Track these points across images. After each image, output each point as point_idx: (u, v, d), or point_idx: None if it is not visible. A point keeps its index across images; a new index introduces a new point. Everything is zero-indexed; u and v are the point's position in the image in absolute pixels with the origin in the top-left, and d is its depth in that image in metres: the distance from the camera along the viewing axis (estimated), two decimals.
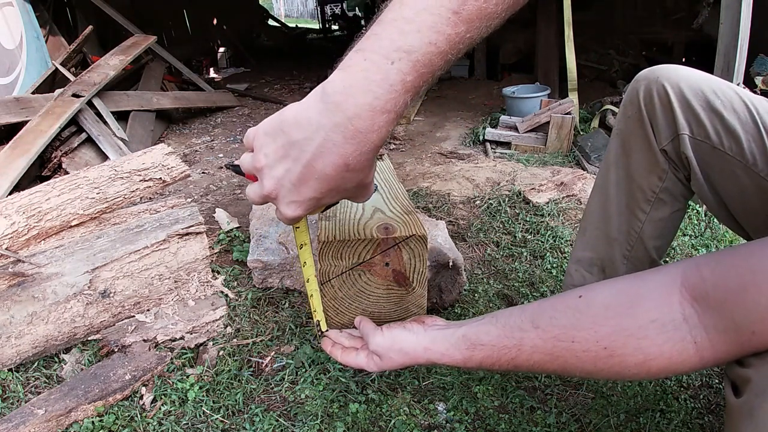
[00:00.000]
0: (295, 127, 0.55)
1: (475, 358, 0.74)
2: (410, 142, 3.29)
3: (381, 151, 1.45)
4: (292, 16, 18.05)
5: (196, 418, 1.15)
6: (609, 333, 0.60)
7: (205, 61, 6.01)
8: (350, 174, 0.56)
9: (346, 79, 0.52)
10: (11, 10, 3.00)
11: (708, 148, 0.92)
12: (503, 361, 0.71)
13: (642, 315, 0.58)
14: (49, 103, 2.60)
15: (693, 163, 0.95)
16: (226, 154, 3.15)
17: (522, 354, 0.69)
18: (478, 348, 0.74)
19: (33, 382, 1.26)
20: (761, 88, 2.17)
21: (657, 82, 0.98)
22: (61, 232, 1.44)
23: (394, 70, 0.51)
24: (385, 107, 0.52)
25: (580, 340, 0.62)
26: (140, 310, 1.40)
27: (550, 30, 4.02)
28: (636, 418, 1.14)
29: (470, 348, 0.75)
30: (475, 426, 1.13)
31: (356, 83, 0.51)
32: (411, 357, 0.81)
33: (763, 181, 0.86)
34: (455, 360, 0.77)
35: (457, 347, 0.77)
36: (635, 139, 1.05)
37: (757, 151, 0.86)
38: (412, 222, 1.02)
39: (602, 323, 0.61)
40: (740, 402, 0.51)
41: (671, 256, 1.73)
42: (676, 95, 0.95)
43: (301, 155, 0.55)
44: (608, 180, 1.11)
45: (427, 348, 0.80)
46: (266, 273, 1.55)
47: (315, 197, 0.58)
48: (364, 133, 0.52)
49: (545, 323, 0.67)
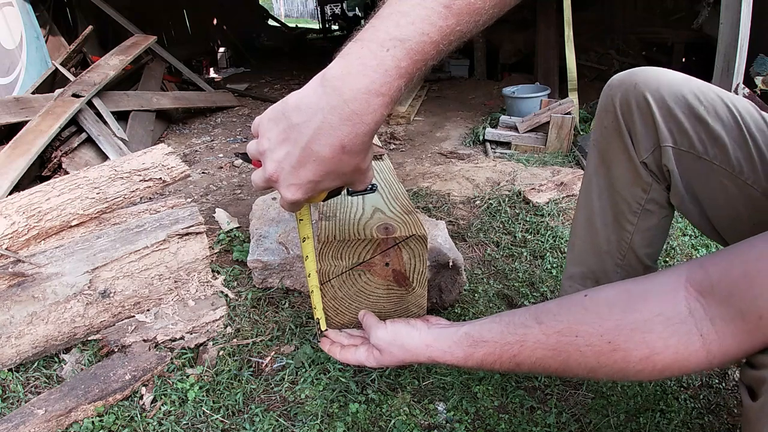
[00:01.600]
0: (295, 111, 0.58)
1: (476, 355, 0.74)
2: (410, 142, 3.29)
3: (381, 151, 1.44)
4: (292, 16, 18.05)
5: (196, 418, 1.15)
6: (613, 327, 0.60)
7: (205, 61, 6.01)
8: (347, 157, 0.58)
9: (344, 66, 0.55)
10: (11, 10, 3.00)
11: (692, 158, 0.88)
12: (505, 359, 0.71)
13: (647, 309, 0.58)
14: (49, 103, 2.60)
15: (675, 176, 0.91)
16: (226, 154, 3.15)
17: (524, 350, 0.68)
18: (481, 345, 0.73)
19: (33, 382, 1.26)
20: (761, 88, 2.17)
21: (635, 90, 0.93)
22: (61, 232, 1.44)
23: (389, 57, 0.54)
24: (380, 90, 0.55)
25: (583, 334, 0.62)
26: (140, 310, 1.40)
27: (550, 30, 4.03)
28: (636, 418, 1.14)
29: (472, 345, 0.74)
30: (475, 426, 1.13)
31: (353, 69, 0.55)
32: (412, 353, 0.81)
33: (749, 188, 0.83)
34: (456, 358, 0.76)
35: (459, 344, 0.76)
36: (614, 150, 1.01)
37: (742, 157, 0.83)
38: (412, 222, 1.02)
39: (607, 317, 0.61)
40: (758, 404, 0.51)
41: (671, 256, 1.73)
42: (656, 103, 0.91)
43: (300, 137, 0.57)
44: (591, 192, 1.08)
45: (429, 345, 0.79)
46: (266, 273, 1.55)
47: (313, 180, 0.60)
48: (359, 114, 0.55)
49: (549, 319, 0.67)
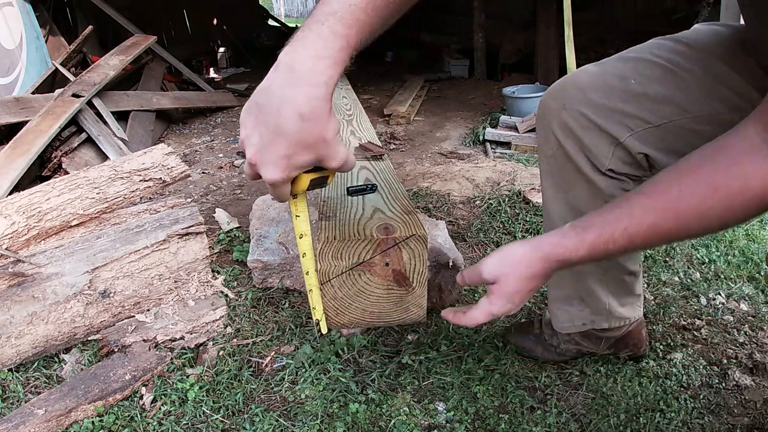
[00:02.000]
0: (261, 95, 0.63)
1: (587, 239, 0.71)
2: (410, 142, 3.29)
3: (381, 151, 1.44)
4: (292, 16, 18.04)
5: (196, 418, 1.15)
6: (708, 172, 0.65)
7: (205, 61, 6.00)
8: (307, 124, 0.61)
9: (291, 46, 0.63)
10: (11, 10, 3.00)
11: (654, 130, 0.90)
12: (617, 235, 0.69)
13: (731, 151, 0.64)
14: (49, 103, 2.60)
15: (654, 156, 0.92)
16: (226, 154, 3.15)
17: (634, 219, 0.68)
18: (589, 228, 0.71)
19: (33, 382, 1.26)
20: None
21: (566, 110, 0.93)
22: (61, 232, 1.44)
23: (324, 28, 0.61)
24: (323, 54, 0.61)
25: (684, 187, 0.66)
26: (140, 310, 1.40)
27: (550, 30, 4.02)
28: (636, 418, 1.14)
29: (581, 232, 0.72)
30: (475, 426, 1.13)
31: (298, 46, 0.62)
32: (526, 263, 0.76)
33: (701, 120, 0.86)
34: (568, 247, 0.72)
35: (566, 235, 0.73)
36: (568, 174, 1.00)
37: (685, 97, 0.86)
38: (412, 222, 1.02)
39: (700, 166, 0.66)
40: None
41: (671, 256, 1.73)
42: (591, 110, 0.91)
43: (268, 118, 0.62)
44: (554, 222, 1.06)
45: (537, 246, 0.75)
46: (266, 273, 1.55)
47: (285, 155, 0.63)
48: (308, 79, 0.60)
49: (647, 188, 0.69)
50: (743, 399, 1.20)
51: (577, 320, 1.17)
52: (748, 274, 1.64)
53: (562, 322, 1.19)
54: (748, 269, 1.66)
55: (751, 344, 1.36)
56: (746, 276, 1.63)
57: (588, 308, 1.15)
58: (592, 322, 1.16)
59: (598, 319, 1.16)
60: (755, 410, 1.17)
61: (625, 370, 1.26)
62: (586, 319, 1.16)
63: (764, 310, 1.48)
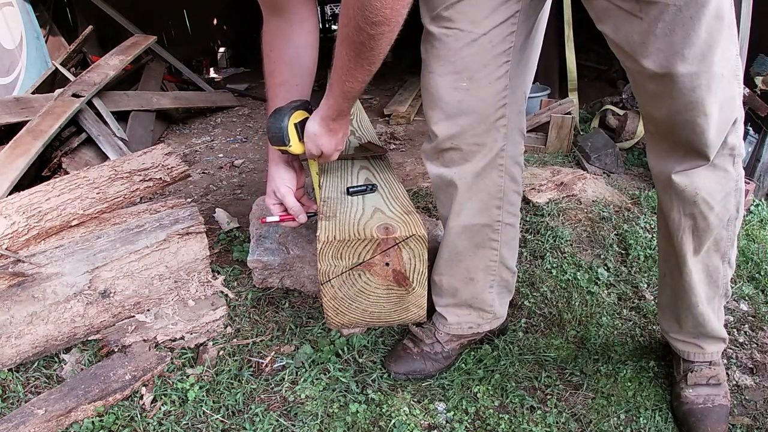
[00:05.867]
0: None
1: (331, 94, 1.05)
2: (410, 142, 3.29)
3: (381, 151, 1.44)
4: None
5: (196, 418, 1.15)
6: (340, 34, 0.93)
7: (205, 61, 6.00)
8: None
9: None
10: (11, 10, 3.00)
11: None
12: (338, 85, 1.01)
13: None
14: (49, 103, 2.60)
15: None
16: (226, 154, 3.15)
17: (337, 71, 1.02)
18: (330, 90, 1.05)
19: (33, 382, 1.26)
20: (761, 88, 2.17)
21: (431, 142, 1.24)
22: (61, 232, 1.44)
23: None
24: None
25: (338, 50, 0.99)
26: (140, 310, 1.40)
27: (550, 30, 4.02)
28: (636, 418, 1.14)
29: (327, 94, 1.06)
30: (475, 426, 1.13)
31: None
32: (318, 127, 1.10)
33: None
34: (328, 105, 1.06)
35: (326, 99, 1.08)
36: (458, 200, 1.14)
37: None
38: (412, 222, 1.03)
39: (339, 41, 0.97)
40: None
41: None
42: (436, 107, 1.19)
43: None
44: (450, 232, 1.17)
45: (315, 117, 1.10)
46: (266, 273, 1.55)
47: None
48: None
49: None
50: (743, 399, 1.20)
51: (465, 324, 1.27)
52: (748, 274, 1.64)
53: (452, 324, 1.27)
54: (748, 269, 1.66)
55: (751, 344, 1.36)
56: (746, 276, 1.63)
57: (475, 313, 1.26)
58: (479, 326, 1.28)
59: (484, 323, 1.28)
60: (755, 410, 1.17)
61: (625, 370, 1.26)
62: (473, 323, 1.28)
63: (764, 310, 1.48)
